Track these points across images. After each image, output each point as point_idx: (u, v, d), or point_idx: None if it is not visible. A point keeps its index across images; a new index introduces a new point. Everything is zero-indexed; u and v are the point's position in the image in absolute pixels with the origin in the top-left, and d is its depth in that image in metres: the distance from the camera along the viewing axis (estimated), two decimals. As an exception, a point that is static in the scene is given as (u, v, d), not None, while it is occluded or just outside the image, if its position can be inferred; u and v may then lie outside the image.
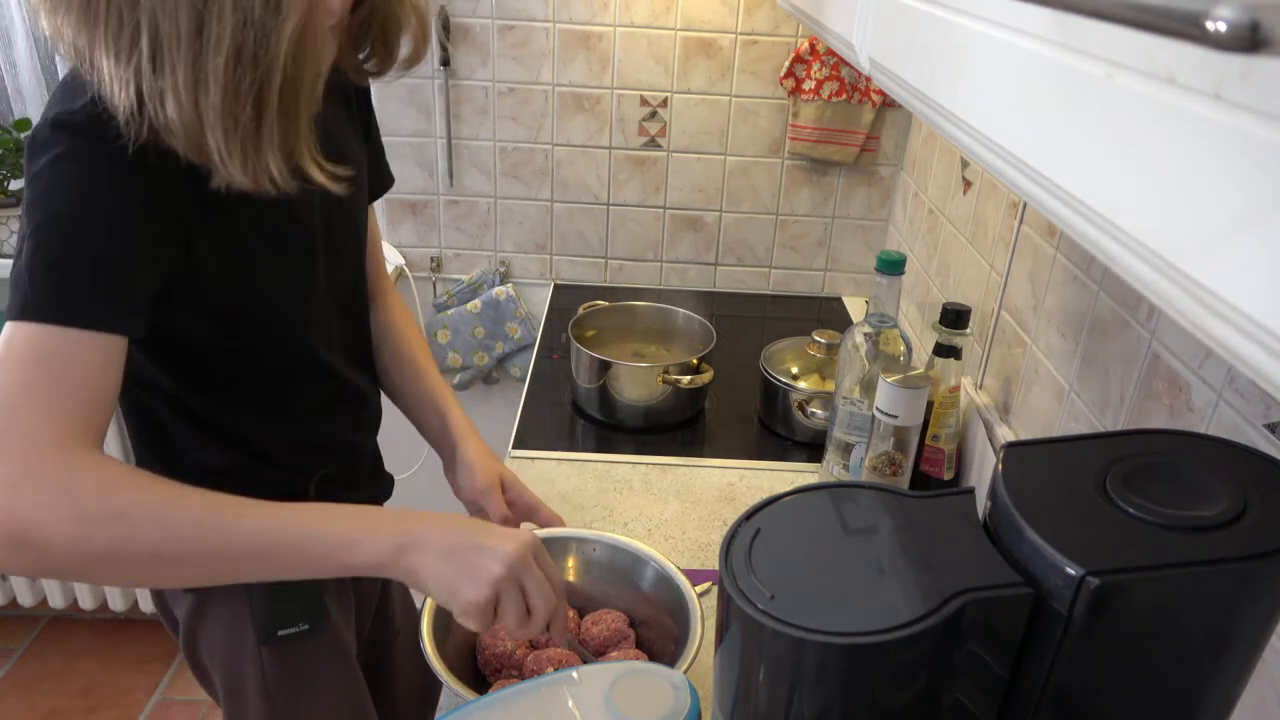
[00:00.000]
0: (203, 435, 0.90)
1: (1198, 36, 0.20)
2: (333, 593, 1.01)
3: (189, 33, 0.66)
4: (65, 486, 0.65)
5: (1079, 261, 0.98)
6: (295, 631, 0.94)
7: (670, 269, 1.89)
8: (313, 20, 0.69)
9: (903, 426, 1.09)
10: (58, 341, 0.68)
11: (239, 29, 0.66)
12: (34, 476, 0.65)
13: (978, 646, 0.51)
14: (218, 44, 0.66)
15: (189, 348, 0.85)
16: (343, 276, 0.97)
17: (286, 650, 0.96)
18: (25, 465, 0.65)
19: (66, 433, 0.67)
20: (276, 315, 0.89)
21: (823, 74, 1.66)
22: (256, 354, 0.89)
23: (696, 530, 1.19)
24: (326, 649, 0.99)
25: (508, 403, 2.00)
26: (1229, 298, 0.25)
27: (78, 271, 0.69)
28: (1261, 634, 0.49)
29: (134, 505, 0.67)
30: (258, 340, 0.88)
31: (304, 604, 0.95)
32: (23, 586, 2.07)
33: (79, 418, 0.68)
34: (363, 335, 1.05)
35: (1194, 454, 0.53)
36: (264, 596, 0.93)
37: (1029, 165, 0.38)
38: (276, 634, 0.93)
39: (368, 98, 1.04)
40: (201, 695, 2.07)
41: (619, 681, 0.71)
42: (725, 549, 0.56)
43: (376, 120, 1.07)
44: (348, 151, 0.95)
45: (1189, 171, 0.26)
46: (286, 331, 0.90)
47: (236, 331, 0.86)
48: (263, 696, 0.97)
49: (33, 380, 0.67)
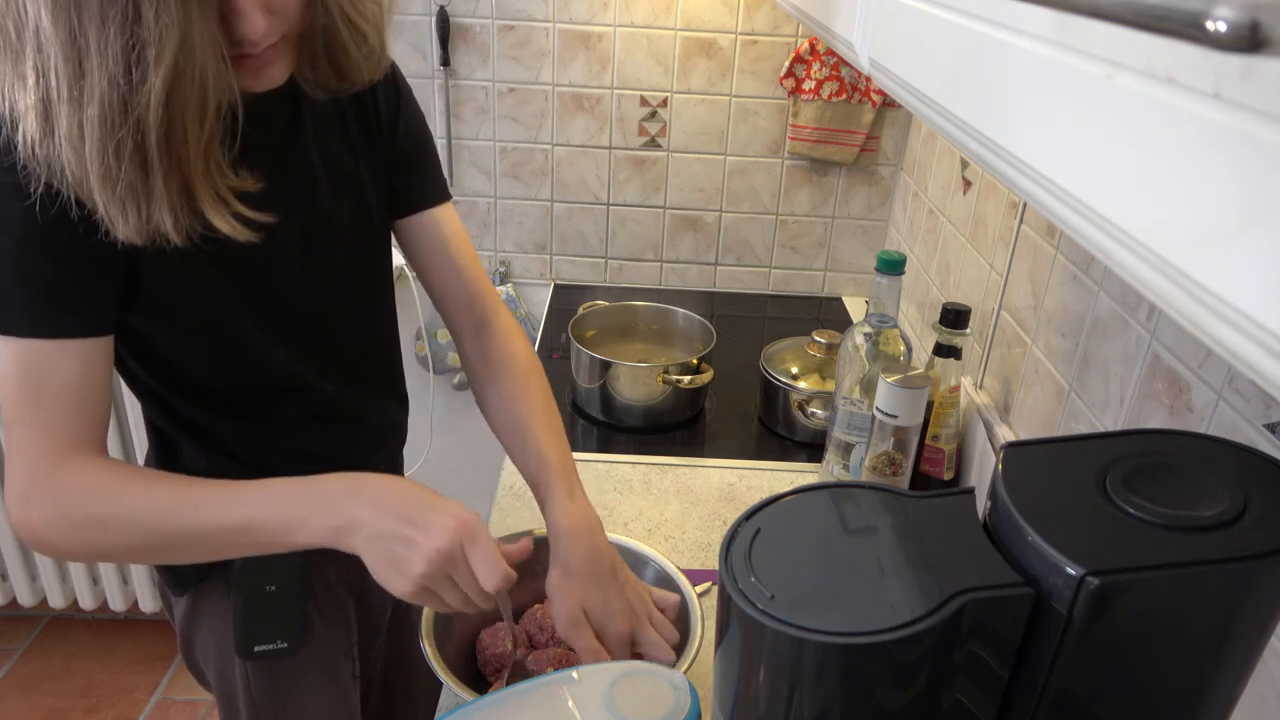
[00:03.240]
0: (193, 441, 0.90)
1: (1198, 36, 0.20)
2: (324, 611, 0.99)
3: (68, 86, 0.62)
4: (55, 500, 0.74)
5: (1079, 261, 0.98)
6: (273, 649, 0.92)
7: (670, 269, 1.89)
8: (189, 67, 0.63)
9: (903, 426, 1.09)
10: (34, 354, 0.72)
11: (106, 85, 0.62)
12: (35, 489, 0.73)
13: (978, 646, 0.51)
14: (89, 99, 0.63)
15: (166, 357, 0.84)
16: (328, 297, 0.91)
17: (269, 666, 0.95)
18: (28, 480, 0.73)
19: (57, 446, 0.73)
20: (237, 334, 0.84)
21: (823, 74, 1.66)
22: (226, 369, 0.86)
23: (696, 530, 1.19)
24: (312, 668, 0.97)
25: (508, 403, 2.00)
26: (1229, 298, 0.25)
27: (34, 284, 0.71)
28: (1261, 634, 0.49)
29: (110, 512, 0.74)
30: (224, 356, 0.85)
31: (283, 623, 0.92)
32: (23, 586, 2.07)
33: (69, 427, 0.74)
34: (358, 354, 0.97)
35: (1194, 454, 0.53)
36: (242, 613, 0.90)
37: (1028, 165, 0.38)
38: (254, 649, 0.92)
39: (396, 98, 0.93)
40: (201, 695, 2.07)
41: (619, 681, 0.71)
42: (725, 549, 0.56)
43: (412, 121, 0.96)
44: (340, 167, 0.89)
45: (1189, 171, 0.26)
46: (251, 350, 0.86)
47: (201, 347, 0.84)
48: (250, 706, 0.96)
49: (25, 397, 0.73)
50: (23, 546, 2.03)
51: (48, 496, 0.73)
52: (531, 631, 0.94)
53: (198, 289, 0.80)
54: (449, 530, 0.73)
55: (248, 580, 0.89)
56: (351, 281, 0.94)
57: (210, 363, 0.85)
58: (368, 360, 1.00)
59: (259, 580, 0.90)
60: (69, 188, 0.67)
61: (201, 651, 0.99)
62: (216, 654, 0.97)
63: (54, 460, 0.73)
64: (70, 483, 0.73)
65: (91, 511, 0.74)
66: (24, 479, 0.73)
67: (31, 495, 0.73)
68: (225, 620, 0.94)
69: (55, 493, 0.73)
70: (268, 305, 0.86)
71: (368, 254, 0.95)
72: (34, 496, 0.73)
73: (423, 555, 0.72)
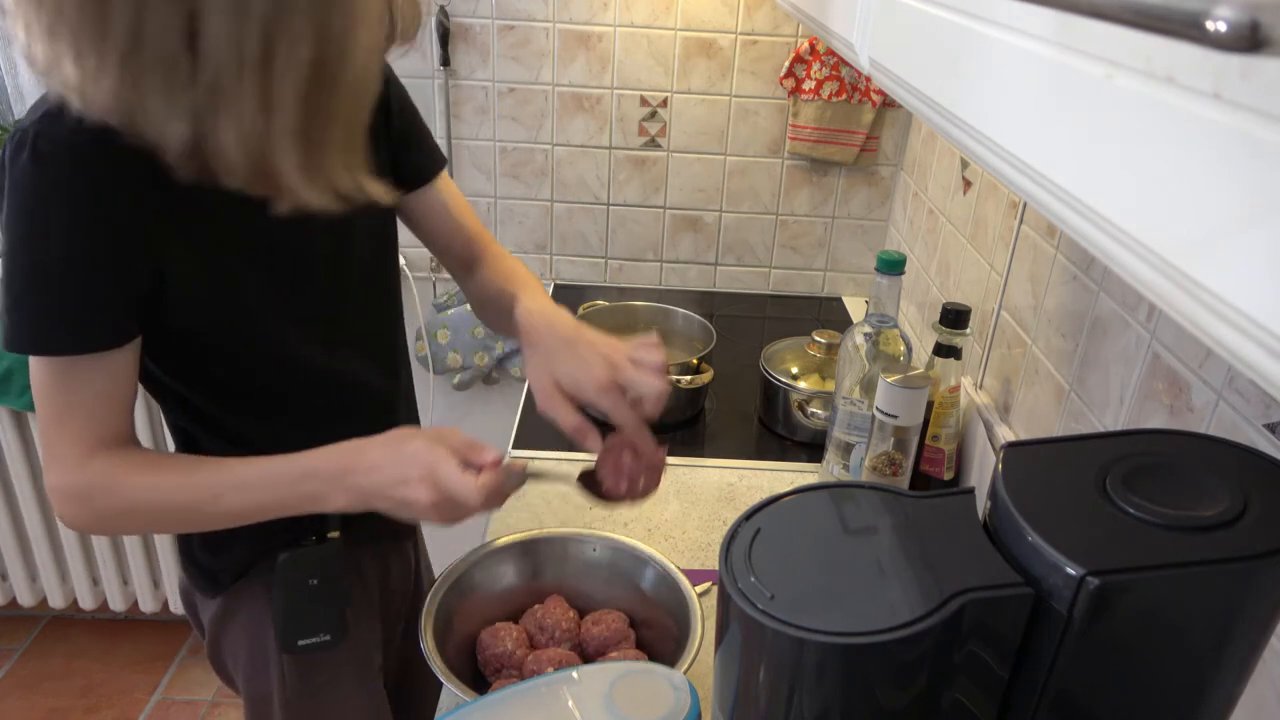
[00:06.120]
0: (218, 439, 0.90)
1: (1198, 36, 0.20)
2: (358, 605, 1.00)
3: (256, 59, 0.65)
4: (85, 496, 0.79)
5: (1079, 261, 0.98)
6: (316, 642, 0.94)
7: (670, 269, 1.89)
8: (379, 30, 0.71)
9: (903, 426, 1.09)
10: (65, 369, 0.76)
11: (314, 45, 0.66)
12: (68, 484, 0.79)
13: (978, 646, 0.51)
14: (288, 64, 0.66)
15: (185, 352, 0.85)
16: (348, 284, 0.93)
17: (306, 661, 0.96)
18: (63, 478, 0.79)
19: (87, 445, 0.78)
20: (262, 328, 0.86)
21: (823, 74, 1.66)
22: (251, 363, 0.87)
23: (696, 530, 1.19)
24: (348, 662, 0.99)
25: (508, 403, 2.00)
26: (1229, 298, 0.25)
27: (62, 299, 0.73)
28: (1261, 634, 0.49)
29: (134, 503, 0.80)
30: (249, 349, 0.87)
31: (325, 616, 0.94)
32: (23, 587, 2.07)
33: (98, 428, 0.78)
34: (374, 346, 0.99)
35: (1194, 454, 0.53)
36: (285, 607, 0.92)
37: (1029, 165, 0.38)
38: (297, 644, 0.94)
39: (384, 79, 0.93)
40: (201, 695, 2.07)
41: (619, 681, 0.71)
42: (725, 549, 0.56)
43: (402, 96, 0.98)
44: None
45: (1189, 171, 0.26)
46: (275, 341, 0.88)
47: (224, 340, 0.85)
48: (284, 705, 0.97)
49: (59, 407, 0.77)
50: (22, 546, 2.03)
51: (76, 494, 0.79)
52: (531, 631, 0.94)
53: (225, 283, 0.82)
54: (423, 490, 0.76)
55: (291, 576, 0.92)
56: (368, 267, 0.95)
57: (236, 358, 0.87)
58: (382, 350, 1.01)
59: (302, 575, 0.92)
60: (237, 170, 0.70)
61: (230, 653, 0.99)
62: (248, 654, 0.97)
63: (82, 462, 0.78)
64: (97, 481, 0.79)
65: (119, 506, 0.80)
66: (56, 477, 0.79)
67: (64, 490, 0.79)
68: (260, 619, 0.95)
69: (82, 491, 0.79)
70: (292, 295, 0.87)
71: (379, 243, 0.97)
72: (66, 491, 0.79)
73: (422, 512, 0.78)
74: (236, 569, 0.95)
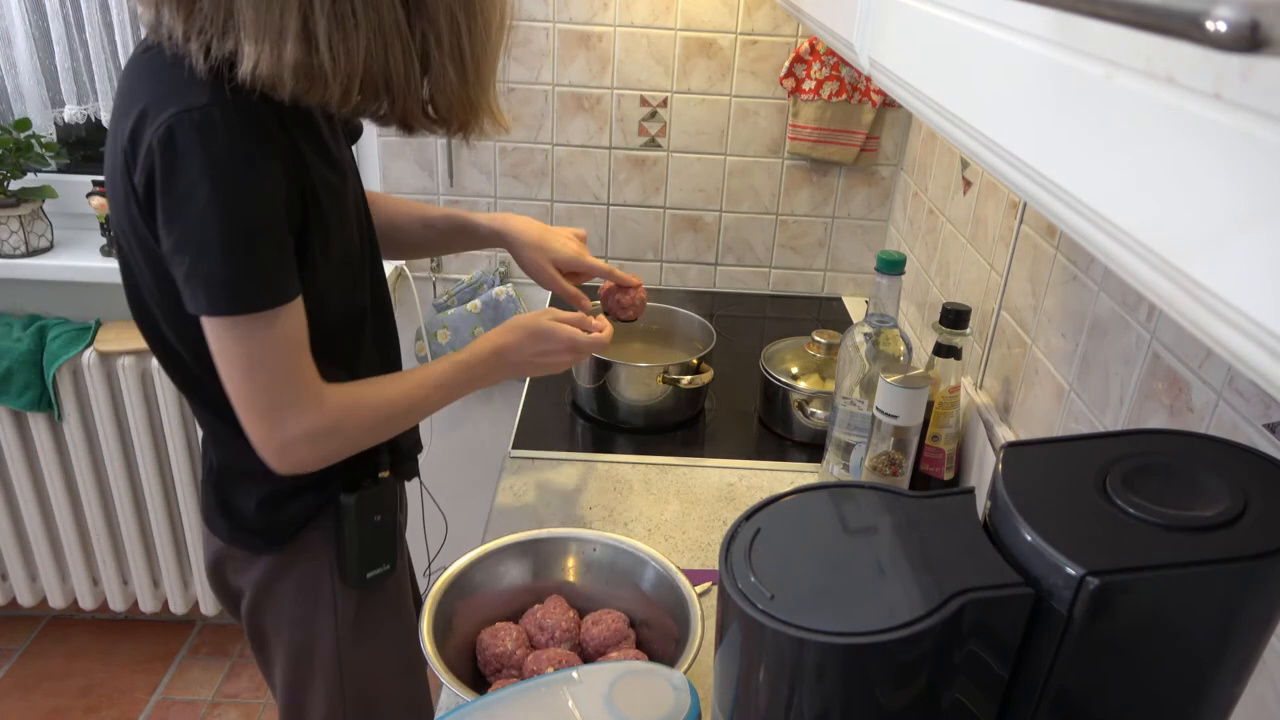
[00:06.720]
0: None
1: (1198, 36, 0.20)
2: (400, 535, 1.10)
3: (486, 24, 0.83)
4: (335, 428, 0.89)
5: (1079, 261, 0.98)
6: (380, 572, 1.05)
7: (670, 269, 1.89)
8: None
9: (903, 426, 1.09)
10: (264, 323, 0.82)
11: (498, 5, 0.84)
12: (314, 425, 0.87)
13: (978, 646, 0.51)
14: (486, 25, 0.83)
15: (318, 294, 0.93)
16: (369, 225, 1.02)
17: (360, 595, 1.05)
18: (304, 422, 0.87)
19: (316, 384, 0.87)
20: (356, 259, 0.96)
21: (823, 74, 1.66)
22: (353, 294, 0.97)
23: (696, 530, 1.19)
24: (395, 593, 1.10)
25: (508, 403, 2.00)
26: (1229, 298, 0.25)
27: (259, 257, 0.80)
28: (1261, 634, 0.49)
29: (375, 418, 0.92)
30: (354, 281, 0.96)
31: (386, 547, 1.05)
32: (23, 587, 2.07)
33: (300, 374, 0.86)
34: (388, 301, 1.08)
35: (1194, 454, 0.53)
36: (356, 544, 1.02)
37: (1029, 165, 0.38)
38: (366, 577, 1.04)
39: None
40: (201, 695, 2.07)
41: (619, 681, 0.71)
42: (725, 549, 0.56)
43: None
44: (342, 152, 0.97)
45: (1189, 171, 0.26)
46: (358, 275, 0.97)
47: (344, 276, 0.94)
48: (333, 651, 1.04)
49: (282, 358, 0.84)
50: (22, 546, 2.03)
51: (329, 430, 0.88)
52: (531, 631, 0.94)
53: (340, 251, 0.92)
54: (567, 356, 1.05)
55: (360, 514, 1.01)
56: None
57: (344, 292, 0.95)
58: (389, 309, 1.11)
59: (369, 513, 1.02)
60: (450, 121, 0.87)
61: (275, 610, 1.05)
62: (296, 603, 1.03)
63: (319, 398, 0.87)
64: (340, 409, 0.89)
65: (365, 422, 0.91)
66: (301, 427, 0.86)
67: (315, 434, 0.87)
68: (317, 564, 1.03)
69: (336, 423, 0.88)
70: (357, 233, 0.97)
71: None
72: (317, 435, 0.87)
73: (564, 367, 1.06)
74: (300, 519, 1.01)
